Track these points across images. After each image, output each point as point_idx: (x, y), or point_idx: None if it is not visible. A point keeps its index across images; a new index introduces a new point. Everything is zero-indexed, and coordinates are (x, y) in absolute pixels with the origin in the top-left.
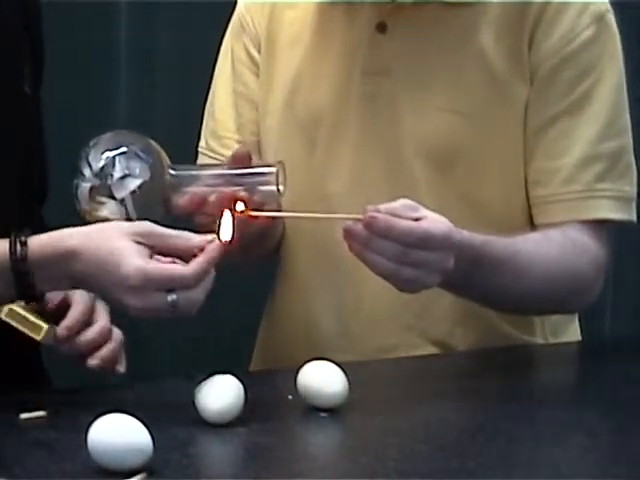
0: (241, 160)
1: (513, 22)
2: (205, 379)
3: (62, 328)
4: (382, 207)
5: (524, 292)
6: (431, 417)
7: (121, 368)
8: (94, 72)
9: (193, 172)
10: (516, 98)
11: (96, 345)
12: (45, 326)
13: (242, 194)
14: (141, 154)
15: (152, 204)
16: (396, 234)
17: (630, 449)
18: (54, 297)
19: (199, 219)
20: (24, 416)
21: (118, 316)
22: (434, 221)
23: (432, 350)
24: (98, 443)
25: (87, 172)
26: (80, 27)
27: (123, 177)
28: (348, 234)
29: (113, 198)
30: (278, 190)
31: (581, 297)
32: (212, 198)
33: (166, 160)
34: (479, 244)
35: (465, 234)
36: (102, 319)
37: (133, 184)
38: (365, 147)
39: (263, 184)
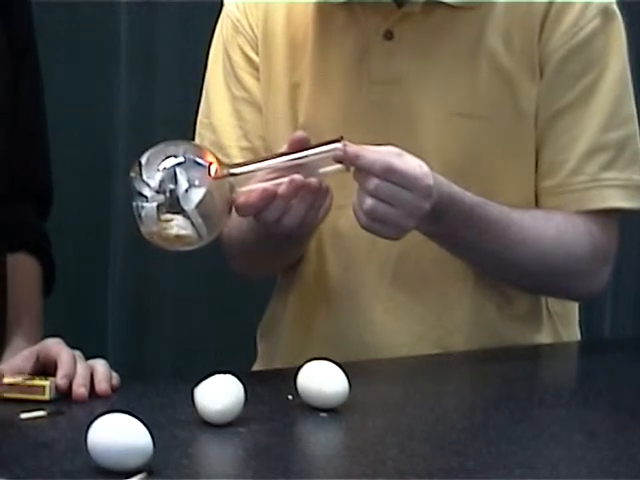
0: (301, 143)
1: (520, 21)
2: (205, 379)
3: (61, 377)
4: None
5: (514, 262)
6: (431, 417)
7: (114, 380)
8: (94, 72)
9: (253, 166)
10: (527, 98)
11: (87, 382)
12: (47, 383)
13: (312, 179)
14: (199, 160)
15: (217, 211)
16: (363, 162)
17: (631, 449)
18: (23, 366)
19: (268, 215)
20: (24, 416)
21: (118, 314)
22: (408, 161)
23: None
24: (98, 443)
25: (147, 192)
26: (80, 27)
27: (187, 189)
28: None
29: (177, 213)
30: (347, 168)
31: (580, 282)
32: (282, 189)
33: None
34: (470, 202)
35: (456, 188)
36: (79, 359)
37: (198, 195)
38: None
39: (331, 163)
